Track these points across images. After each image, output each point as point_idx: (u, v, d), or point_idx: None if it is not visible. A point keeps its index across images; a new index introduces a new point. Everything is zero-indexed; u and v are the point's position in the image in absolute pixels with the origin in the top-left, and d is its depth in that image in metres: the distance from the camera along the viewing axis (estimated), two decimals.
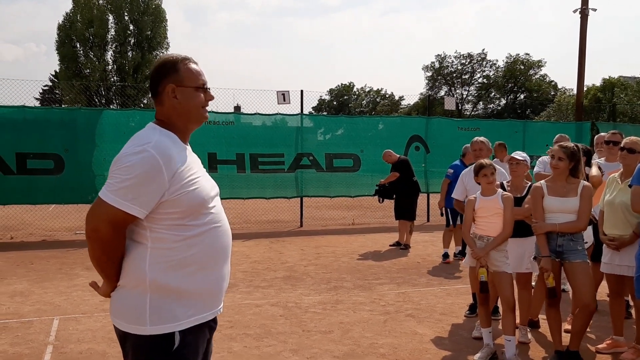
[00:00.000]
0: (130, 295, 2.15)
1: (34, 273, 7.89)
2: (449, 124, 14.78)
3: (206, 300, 2.21)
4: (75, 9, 38.81)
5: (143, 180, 2.05)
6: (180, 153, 2.17)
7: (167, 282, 2.11)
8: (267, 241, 10.75)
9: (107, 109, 15.53)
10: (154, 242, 2.13)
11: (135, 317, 2.12)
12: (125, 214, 2.06)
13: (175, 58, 2.28)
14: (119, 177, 2.07)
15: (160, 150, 2.09)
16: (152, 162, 2.05)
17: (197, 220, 2.16)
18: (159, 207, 2.10)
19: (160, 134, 2.18)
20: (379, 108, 61.15)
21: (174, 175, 2.09)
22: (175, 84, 2.23)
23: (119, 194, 2.06)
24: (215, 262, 2.23)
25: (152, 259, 2.12)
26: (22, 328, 5.44)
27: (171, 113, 2.25)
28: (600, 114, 32.78)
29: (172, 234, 2.13)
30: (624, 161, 4.85)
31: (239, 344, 4.94)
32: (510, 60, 57.24)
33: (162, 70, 2.26)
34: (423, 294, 6.83)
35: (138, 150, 2.08)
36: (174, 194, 2.10)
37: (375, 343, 5.03)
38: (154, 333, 2.10)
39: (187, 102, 2.25)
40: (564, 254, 4.46)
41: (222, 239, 2.27)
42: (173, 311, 2.12)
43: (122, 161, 2.08)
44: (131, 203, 2.06)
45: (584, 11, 18.61)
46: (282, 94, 12.75)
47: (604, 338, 5.01)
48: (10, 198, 11.14)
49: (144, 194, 2.06)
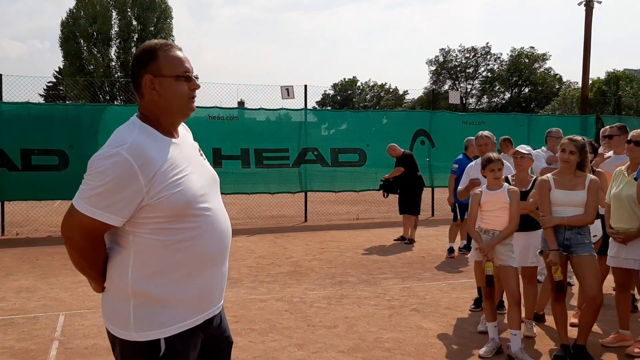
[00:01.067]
0: (115, 299, 2.04)
1: (40, 269, 7.91)
2: (453, 118, 14.75)
3: (193, 305, 2.07)
4: (79, 5, 38.85)
5: (116, 187, 1.89)
6: (162, 151, 1.99)
7: (151, 290, 1.99)
8: (271, 236, 10.75)
9: (111, 105, 15.56)
10: (137, 248, 1.99)
11: (120, 322, 2.02)
12: (100, 222, 1.93)
13: (154, 45, 2.07)
14: (90, 183, 1.91)
15: (135, 152, 1.91)
16: (125, 166, 1.88)
17: (185, 223, 2.00)
18: (140, 211, 1.95)
19: (139, 132, 2.00)
20: (383, 102, 61.03)
21: (153, 178, 1.92)
22: (152, 74, 2.03)
23: (91, 202, 1.91)
24: (205, 268, 2.08)
25: (135, 266, 1.99)
26: (28, 324, 5.45)
27: (152, 106, 2.06)
28: (605, 107, 32.64)
29: (156, 238, 1.98)
30: (631, 154, 4.82)
31: (244, 339, 4.94)
32: (514, 54, 57.02)
33: (140, 60, 2.06)
34: (428, 288, 6.82)
35: (111, 153, 1.90)
36: (155, 197, 1.93)
37: (380, 337, 5.03)
38: (139, 340, 2.00)
39: (167, 93, 2.04)
40: (571, 248, 4.44)
41: (215, 242, 2.10)
42: (157, 318, 2.00)
43: (94, 166, 1.91)
44: (104, 211, 1.91)
45: (588, 3, 18.51)
46: (286, 89, 12.73)
47: (610, 332, 4.99)
48: (16, 194, 11.19)
49: (117, 201, 1.90)
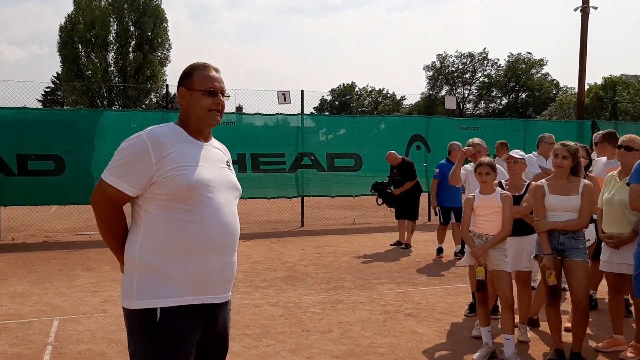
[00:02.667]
0: (127, 273, 2.36)
1: (35, 274, 7.90)
2: (449, 123, 14.79)
3: (190, 284, 2.32)
4: (77, 11, 38.87)
5: (130, 160, 2.29)
6: (179, 143, 2.36)
7: (152, 263, 2.29)
8: (267, 241, 10.75)
9: (108, 110, 15.57)
10: (146, 223, 2.33)
11: (127, 292, 2.33)
12: (117, 190, 2.30)
13: (194, 65, 2.49)
14: (114, 158, 2.34)
15: (152, 136, 2.32)
16: (141, 145, 2.29)
17: (187, 205, 2.30)
18: (150, 187, 2.30)
19: (165, 126, 2.42)
20: (381, 108, 61.11)
21: (164, 159, 2.28)
22: (186, 88, 2.45)
23: (112, 172, 2.32)
24: (204, 251, 2.33)
25: (143, 239, 2.32)
26: (21, 329, 5.44)
27: (184, 114, 2.47)
28: (602, 113, 32.70)
29: (161, 214, 2.30)
30: (621, 159, 4.84)
31: (238, 344, 4.93)
32: (512, 60, 57.16)
33: (181, 76, 2.49)
34: (423, 293, 6.82)
35: (135, 136, 2.34)
36: (162, 176, 2.28)
37: (374, 342, 5.03)
38: (139, 307, 2.28)
39: (194, 104, 2.43)
40: (565, 252, 4.45)
41: (216, 230, 2.36)
42: (155, 289, 2.28)
43: (121, 146, 2.35)
44: (119, 179, 2.29)
45: (584, 9, 18.57)
46: (282, 94, 12.75)
47: (604, 336, 5.00)
48: (12, 199, 11.17)
49: (131, 172, 2.28)
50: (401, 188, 10.12)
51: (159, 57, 40.61)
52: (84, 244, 10.50)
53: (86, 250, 9.78)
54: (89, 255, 9.33)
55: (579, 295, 4.41)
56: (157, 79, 40.61)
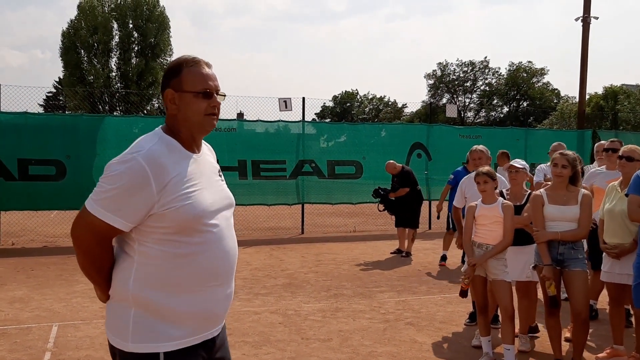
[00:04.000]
0: (116, 308, 2.05)
1: (34, 279, 7.89)
2: (450, 131, 14.79)
3: (195, 323, 2.05)
4: (80, 16, 39.02)
5: (128, 191, 1.92)
6: (178, 162, 2.02)
7: (151, 300, 1.98)
8: (268, 248, 10.74)
9: (109, 116, 15.58)
10: (140, 256, 2.01)
11: (119, 331, 2.02)
12: (109, 225, 1.95)
13: (181, 60, 2.12)
14: (104, 186, 1.95)
15: (150, 159, 1.94)
16: (140, 172, 1.92)
17: (191, 237, 2.01)
18: (148, 219, 1.97)
19: (158, 141, 2.03)
20: (382, 115, 61.20)
21: (165, 187, 1.95)
22: (174, 89, 2.08)
23: (103, 204, 1.94)
24: (208, 285, 2.06)
25: (138, 274, 2.00)
26: (20, 334, 5.43)
27: (173, 120, 2.10)
28: (602, 122, 32.74)
29: (161, 249, 1.99)
30: (622, 169, 4.85)
31: (237, 352, 4.92)
32: (512, 68, 57.28)
33: (166, 74, 2.13)
34: (423, 302, 6.80)
35: (127, 158, 1.95)
36: (164, 207, 1.95)
37: (374, 351, 5.01)
38: (135, 351, 1.99)
39: (185, 109, 2.07)
40: (564, 262, 4.45)
41: (220, 261, 2.09)
42: (157, 331, 1.98)
43: (110, 169, 1.95)
44: (114, 214, 1.94)
45: (585, 19, 18.62)
46: (283, 101, 12.77)
47: (604, 347, 4.98)
48: (12, 204, 11.16)
49: (128, 205, 1.93)
50: (396, 193, 10.16)
51: (161, 63, 40.71)
52: None
53: None
54: None
55: (579, 306, 4.41)
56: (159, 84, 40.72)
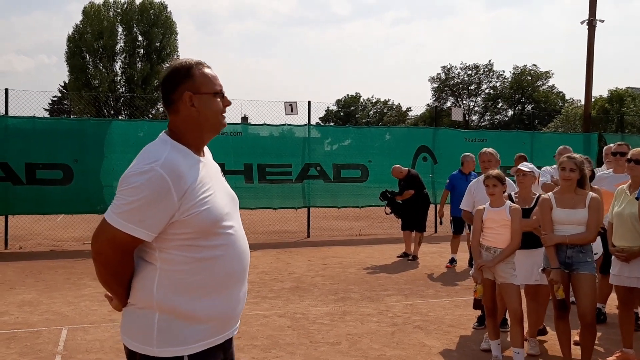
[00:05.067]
0: (139, 314, 2.06)
1: (43, 283, 7.92)
2: (455, 135, 14.79)
3: (217, 324, 2.10)
4: (85, 21, 39.25)
5: (150, 202, 1.93)
6: (192, 168, 2.04)
7: (176, 305, 2.01)
8: (274, 252, 10.75)
9: (116, 120, 15.66)
10: (163, 263, 2.03)
11: (143, 337, 2.03)
12: (132, 237, 1.96)
13: (188, 63, 2.13)
14: (124, 198, 1.95)
15: (169, 168, 1.95)
16: (160, 182, 1.93)
17: (210, 240, 2.05)
18: (169, 227, 1.99)
19: (171, 149, 2.04)
20: (386, 119, 61.18)
21: (184, 195, 1.97)
22: (192, 92, 2.08)
23: (125, 217, 1.95)
24: (229, 286, 2.12)
25: (161, 281, 2.02)
26: (30, 338, 5.46)
27: (187, 122, 2.10)
28: (608, 125, 32.69)
29: (183, 255, 2.02)
30: (631, 172, 4.85)
31: (247, 355, 4.94)
32: (517, 72, 57.21)
33: (175, 77, 2.10)
34: (431, 305, 6.80)
35: (145, 169, 1.94)
36: (184, 214, 1.98)
37: (383, 355, 5.02)
38: (161, 355, 2.01)
39: (206, 110, 2.10)
40: (573, 266, 4.45)
41: (238, 262, 2.14)
42: (181, 334, 2.02)
43: (129, 181, 1.95)
44: (137, 226, 1.94)
45: (591, 22, 18.62)
46: (289, 105, 12.80)
47: (614, 350, 4.98)
48: (20, 208, 11.22)
49: (151, 216, 1.94)
50: (402, 195, 10.19)
51: None
52: (91, 253, 10.51)
53: None
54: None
55: (585, 309, 4.40)
56: None
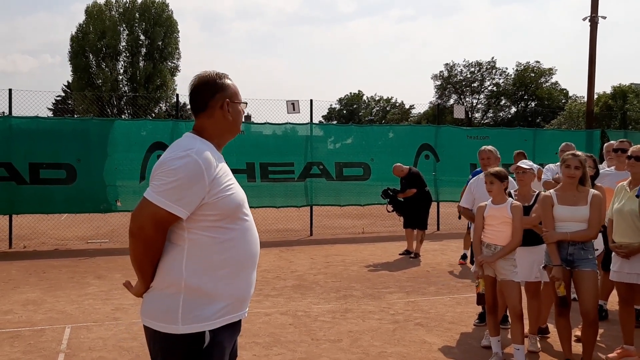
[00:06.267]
0: (164, 295, 2.26)
1: (46, 282, 7.97)
2: (458, 132, 14.78)
3: (235, 302, 2.32)
4: (88, 21, 39.32)
5: (186, 183, 2.19)
6: (218, 161, 2.33)
7: (201, 284, 2.24)
8: (277, 250, 10.78)
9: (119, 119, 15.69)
10: (190, 244, 2.25)
11: (167, 316, 2.23)
12: (169, 214, 2.20)
13: (220, 74, 2.46)
14: (164, 179, 2.21)
15: (202, 156, 2.24)
16: (195, 166, 2.20)
17: (233, 224, 2.31)
18: (199, 209, 2.24)
19: (201, 143, 2.33)
20: (389, 117, 61.14)
21: (214, 180, 2.24)
22: (230, 100, 2.43)
23: (164, 195, 2.19)
24: (246, 267, 2.36)
25: (189, 261, 2.24)
26: (34, 336, 5.50)
27: (219, 125, 2.43)
28: (611, 122, 32.60)
29: (209, 235, 2.26)
30: (631, 169, 4.85)
31: (248, 352, 4.97)
32: (520, 69, 57.04)
33: (213, 86, 2.42)
34: (432, 302, 6.82)
35: (182, 155, 2.22)
36: (213, 197, 2.24)
37: (384, 352, 5.04)
38: (186, 332, 2.22)
39: (237, 116, 2.46)
40: (574, 263, 4.46)
41: (253, 246, 2.41)
42: (204, 311, 2.23)
43: (167, 165, 2.22)
44: (175, 204, 2.19)
45: (593, 19, 18.58)
46: (291, 104, 12.81)
47: (615, 347, 4.98)
48: (24, 207, 11.25)
49: (187, 195, 2.20)
50: (404, 193, 10.21)
51: (169, 66, 40.90)
52: (94, 252, 10.58)
53: (97, 258, 9.85)
54: (99, 263, 9.39)
55: (588, 306, 4.41)
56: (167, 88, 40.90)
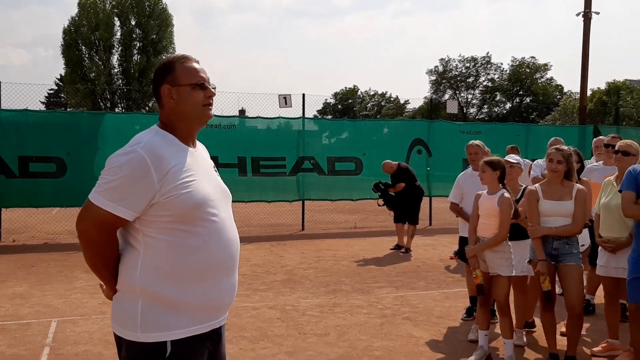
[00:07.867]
0: (124, 300, 2.12)
1: (35, 276, 7.93)
2: (450, 127, 14.80)
3: (201, 312, 2.13)
4: (81, 13, 39.03)
5: (130, 181, 2.01)
6: (177, 154, 2.11)
7: (158, 291, 2.06)
8: (268, 244, 10.76)
9: (110, 113, 15.63)
10: (146, 248, 2.08)
11: (127, 322, 2.09)
12: (113, 215, 2.02)
13: (172, 58, 2.25)
14: (106, 177, 2.04)
15: (149, 150, 2.04)
16: (140, 162, 2.01)
17: (192, 226, 2.09)
18: (151, 209, 2.05)
19: (155, 135, 2.14)
20: (384, 112, 61.10)
21: (165, 176, 2.03)
22: (170, 84, 2.18)
23: (105, 195, 2.02)
24: (212, 274, 2.14)
25: (144, 265, 2.07)
26: (20, 330, 5.47)
27: (171, 115, 2.19)
28: (605, 118, 32.70)
29: (165, 239, 2.07)
30: (618, 164, 4.86)
31: (235, 346, 4.95)
32: (515, 64, 57.08)
33: (159, 72, 2.22)
34: (421, 297, 6.82)
35: (127, 150, 2.05)
36: (165, 195, 2.03)
37: (370, 346, 5.04)
38: (145, 341, 2.06)
39: (184, 101, 2.17)
40: (559, 257, 4.46)
41: (222, 250, 2.17)
42: (164, 320, 2.06)
43: (111, 162, 2.05)
44: (117, 204, 2.01)
45: (586, 14, 18.59)
46: (283, 98, 12.76)
47: (600, 341, 4.99)
48: (13, 201, 11.19)
49: (130, 194, 2.01)
50: (395, 188, 10.21)
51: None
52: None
53: None
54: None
55: (573, 300, 4.42)
56: None
